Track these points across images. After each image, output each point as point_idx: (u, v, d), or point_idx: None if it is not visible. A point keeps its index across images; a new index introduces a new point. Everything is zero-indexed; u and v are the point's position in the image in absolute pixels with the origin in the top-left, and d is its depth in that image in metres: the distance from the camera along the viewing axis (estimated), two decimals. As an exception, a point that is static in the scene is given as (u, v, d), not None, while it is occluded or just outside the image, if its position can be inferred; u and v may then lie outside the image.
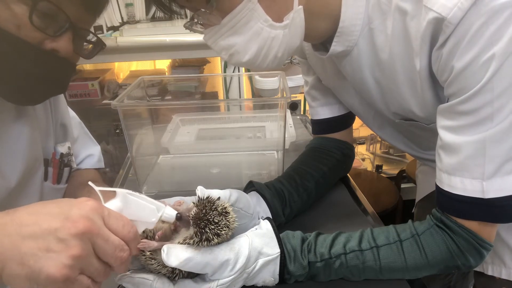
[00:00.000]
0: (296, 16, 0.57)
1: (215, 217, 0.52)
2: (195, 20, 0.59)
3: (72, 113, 0.88)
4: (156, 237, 0.55)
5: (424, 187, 0.98)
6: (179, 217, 0.53)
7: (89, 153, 0.91)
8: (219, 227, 0.53)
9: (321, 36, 0.64)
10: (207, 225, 0.52)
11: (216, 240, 0.53)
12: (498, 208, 0.52)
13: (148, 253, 0.54)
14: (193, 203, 0.55)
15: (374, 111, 0.76)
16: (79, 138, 0.89)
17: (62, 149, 0.78)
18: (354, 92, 0.74)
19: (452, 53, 0.49)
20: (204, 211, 0.52)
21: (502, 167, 0.51)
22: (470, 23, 0.47)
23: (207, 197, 0.55)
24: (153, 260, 0.54)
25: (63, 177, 0.78)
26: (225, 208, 0.54)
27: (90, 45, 0.63)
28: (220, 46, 0.60)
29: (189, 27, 0.61)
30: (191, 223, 0.53)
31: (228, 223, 0.54)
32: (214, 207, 0.53)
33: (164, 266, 0.53)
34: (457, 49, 0.49)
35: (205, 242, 0.52)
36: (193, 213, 0.53)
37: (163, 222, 0.55)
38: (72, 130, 0.85)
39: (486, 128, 0.50)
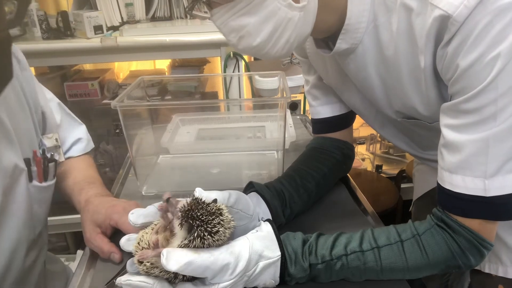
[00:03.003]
0: (311, 0, 0.56)
1: (202, 216, 0.52)
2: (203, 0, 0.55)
3: (49, 95, 0.84)
4: (152, 244, 0.55)
5: (421, 186, 0.98)
6: (167, 200, 0.55)
7: (76, 137, 0.88)
8: (210, 226, 0.52)
9: (326, 30, 0.63)
10: (194, 220, 0.52)
11: (210, 238, 0.52)
12: (499, 206, 0.53)
13: (148, 263, 0.54)
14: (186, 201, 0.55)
15: (376, 110, 0.75)
16: (62, 122, 0.85)
17: (49, 142, 0.75)
18: (356, 90, 0.74)
19: (457, 51, 0.49)
20: (189, 207, 0.53)
21: (504, 165, 0.51)
22: (476, 21, 0.47)
23: (196, 198, 0.55)
24: (155, 269, 0.54)
25: (49, 173, 0.74)
26: (219, 208, 0.54)
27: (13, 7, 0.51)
28: (230, 27, 0.56)
29: (190, 10, 0.57)
30: (179, 215, 0.53)
31: (222, 222, 0.54)
32: (200, 206, 0.53)
33: (167, 272, 0.53)
34: (462, 47, 0.49)
35: (198, 239, 0.52)
36: (179, 207, 0.54)
37: (157, 232, 0.55)
38: (53, 116, 0.81)
39: (490, 127, 0.50)
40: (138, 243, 0.57)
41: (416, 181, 1.02)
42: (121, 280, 0.55)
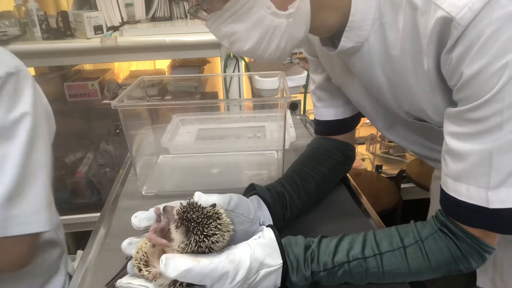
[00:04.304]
0: (302, 6, 0.55)
1: (198, 218, 0.52)
2: (201, 5, 0.57)
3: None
4: (151, 276, 0.54)
5: (438, 203, 0.95)
6: (164, 208, 0.56)
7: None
8: (207, 229, 0.52)
9: (329, 30, 0.61)
10: (189, 222, 0.52)
11: (207, 241, 0.52)
12: (503, 218, 0.51)
13: (147, 273, 0.54)
14: (181, 203, 0.56)
15: (385, 111, 0.73)
16: None
17: None
18: (364, 90, 0.71)
19: (462, 58, 0.47)
20: (184, 209, 0.53)
21: (509, 178, 0.49)
22: (482, 27, 0.44)
23: (192, 201, 0.55)
24: (155, 281, 0.54)
25: None
26: (216, 212, 0.54)
27: None
28: (222, 33, 0.58)
29: (194, 13, 0.59)
30: (176, 218, 0.53)
31: (219, 226, 0.53)
32: (196, 209, 0.53)
33: (169, 285, 0.53)
34: (467, 55, 0.46)
35: (194, 243, 0.52)
36: (176, 210, 0.54)
37: (154, 246, 0.55)
38: None
39: (494, 138, 0.48)
40: (137, 252, 0.56)
41: (433, 196, 0.98)
42: (121, 282, 0.55)
